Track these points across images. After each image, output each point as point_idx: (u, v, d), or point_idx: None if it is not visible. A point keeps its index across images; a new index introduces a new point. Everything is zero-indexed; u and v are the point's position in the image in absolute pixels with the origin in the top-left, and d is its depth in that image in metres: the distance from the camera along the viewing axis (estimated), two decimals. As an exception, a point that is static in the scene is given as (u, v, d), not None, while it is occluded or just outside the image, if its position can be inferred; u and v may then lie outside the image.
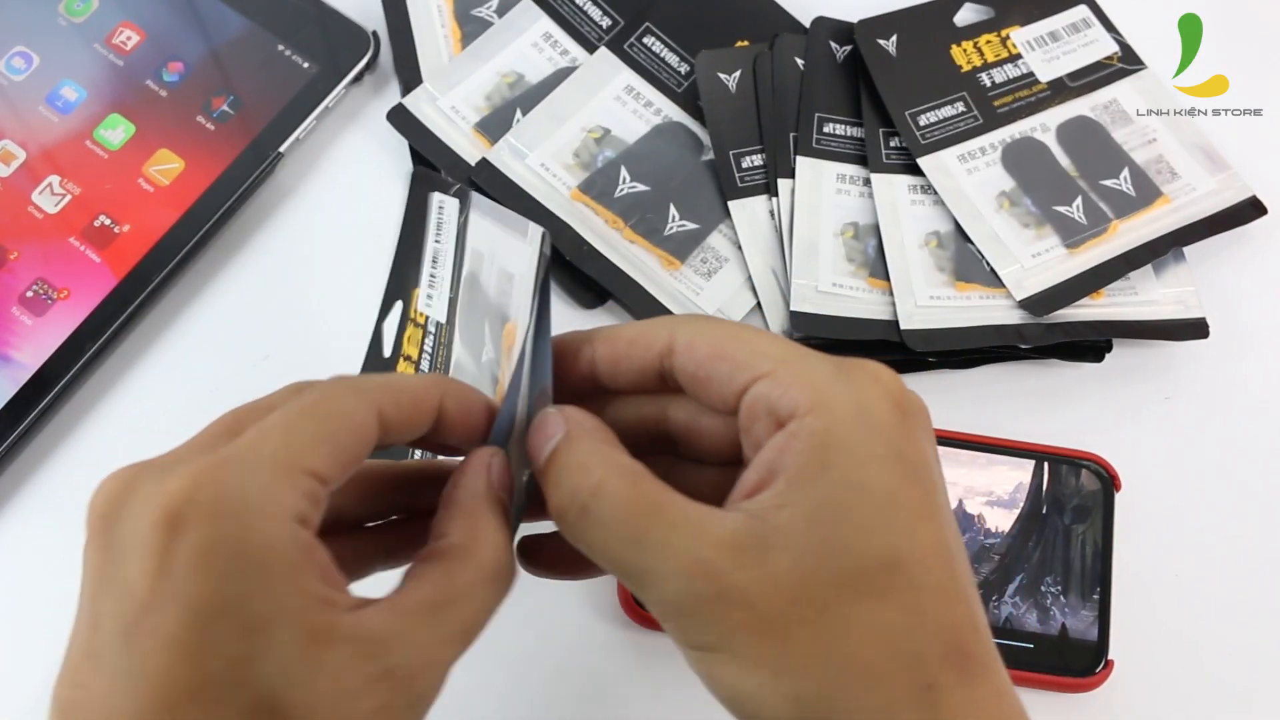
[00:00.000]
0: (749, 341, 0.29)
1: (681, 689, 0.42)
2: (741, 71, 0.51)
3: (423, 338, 0.34)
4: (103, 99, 0.49)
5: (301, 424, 0.26)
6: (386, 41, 0.52)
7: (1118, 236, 0.49)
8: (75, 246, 0.47)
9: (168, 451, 0.27)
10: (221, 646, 0.24)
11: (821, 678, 0.26)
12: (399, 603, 0.26)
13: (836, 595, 0.26)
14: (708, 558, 0.26)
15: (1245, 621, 0.44)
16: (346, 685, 0.25)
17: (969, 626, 0.27)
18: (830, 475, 0.26)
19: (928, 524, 0.27)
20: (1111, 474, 0.45)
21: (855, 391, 0.27)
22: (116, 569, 0.25)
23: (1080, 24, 0.53)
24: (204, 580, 0.24)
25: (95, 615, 0.25)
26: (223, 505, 0.24)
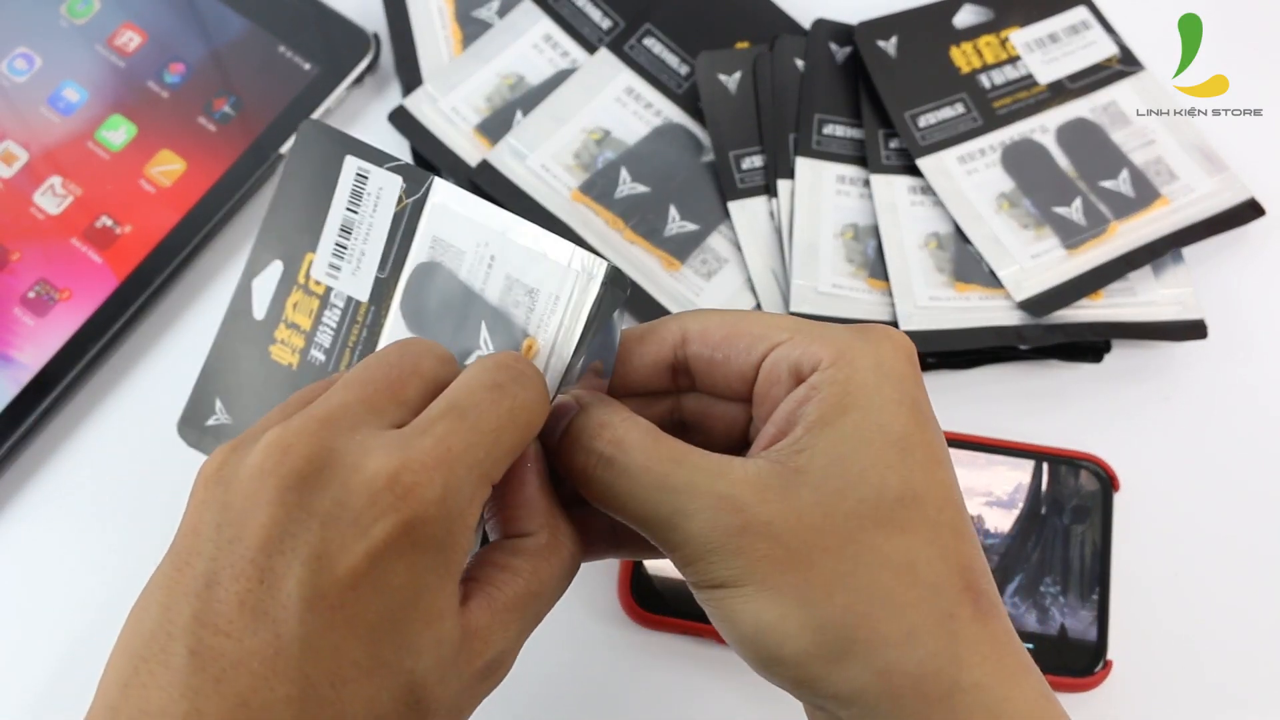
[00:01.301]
0: (761, 318, 0.30)
1: (682, 689, 0.43)
2: (741, 73, 0.51)
3: (319, 308, 0.33)
4: (104, 100, 0.49)
5: (507, 439, 0.27)
6: (387, 43, 0.52)
7: (1117, 238, 0.49)
8: (77, 247, 0.47)
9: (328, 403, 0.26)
10: (400, 634, 0.25)
11: (845, 605, 0.27)
12: (497, 598, 0.27)
13: (859, 526, 0.27)
14: (733, 493, 0.27)
15: (1244, 621, 0.44)
16: (465, 679, 0.26)
17: (980, 568, 0.28)
18: (850, 418, 0.28)
19: (940, 467, 0.28)
20: (1110, 474, 0.45)
21: (873, 346, 0.29)
22: (311, 534, 0.24)
23: (1079, 26, 0.53)
24: (408, 570, 0.25)
25: (265, 570, 0.24)
26: (447, 506, 0.25)
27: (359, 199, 0.32)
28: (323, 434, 0.25)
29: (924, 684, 0.27)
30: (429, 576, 0.25)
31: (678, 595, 0.43)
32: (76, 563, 0.44)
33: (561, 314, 0.30)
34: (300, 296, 0.33)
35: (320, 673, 0.24)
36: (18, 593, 0.44)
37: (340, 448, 0.25)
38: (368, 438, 0.25)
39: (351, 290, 0.32)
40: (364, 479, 0.24)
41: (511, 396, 0.27)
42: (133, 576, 0.26)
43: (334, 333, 0.32)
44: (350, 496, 0.24)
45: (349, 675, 0.24)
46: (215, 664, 0.23)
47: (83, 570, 0.44)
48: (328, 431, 0.25)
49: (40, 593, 0.44)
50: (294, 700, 0.23)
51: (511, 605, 0.27)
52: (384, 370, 0.27)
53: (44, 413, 0.45)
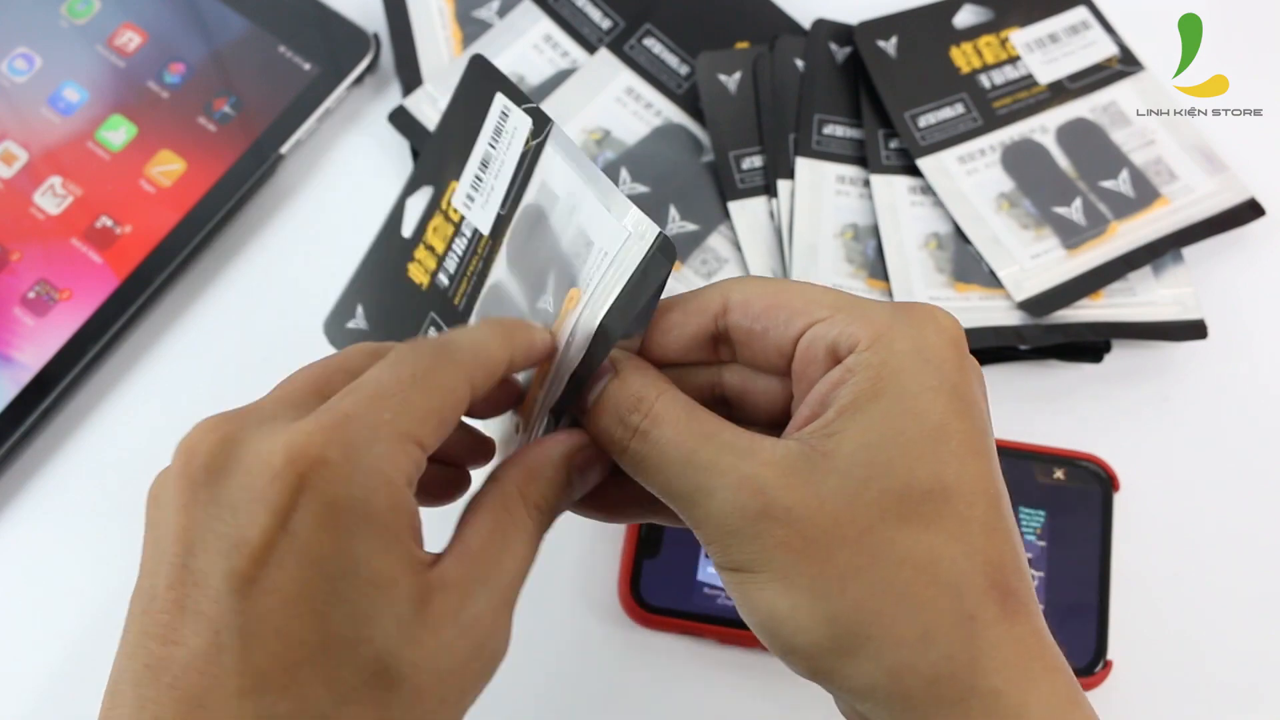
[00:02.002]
0: (804, 291, 0.29)
1: (682, 689, 0.43)
2: (741, 73, 0.51)
3: (453, 235, 0.34)
4: (104, 100, 0.49)
5: (414, 395, 0.26)
6: (387, 43, 0.52)
7: (1117, 238, 0.49)
8: (77, 247, 0.47)
9: (249, 405, 0.26)
10: (345, 605, 0.24)
11: (858, 600, 0.26)
12: (467, 550, 0.27)
13: (881, 518, 0.26)
14: (756, 474, 0.27)
15: (1245, 621, 0.44)
16: (442, 639, 0.25)
17: (1012, 565, 0.27)
18: (883, 404, 0.27)
19: (976, 459, 0.27)
20: (1110, 474, 0.45)
21: (914, 328, 0.28)
22: (222, 524, 0.24)
23: (1079, 26, 0.53)
24: (329, 539, 0.24)
25: (190, 571, 0.24)
26: (350, 467, 0.24)
27: (499, 135, 0.33)
28: (226, 429, 0.25)
29: (938, 686, 0.26)
30: (361, 540, 0.24)
31: (678, 595, 0.43)
32: (76, 563, 0.44)
33: (604, 270, 0.30)
34: (440, 221, 0.34)
35: (268, 660, 0.23)
36: (17, 593, 0.44)
37: (243, 438, 0.25)
38: (270, 426, 0.25)
39: (479, 222, 0.33)
40: (263, 458, 0.24)
41: (411, 365, 0.27)
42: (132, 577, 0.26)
43: (459, 260, 0.33)
44: (252, 478, 0.24)
45: (300, 657, 0.24)
46: (167, 672, 0.23)
47: (82, 571, 0.44)
48: (232, 426, 0.25)
49: (40, 593, 0.44)
50: (249, 691, 0.23)
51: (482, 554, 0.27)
52: (311, 370, 0.27)
53: (44, 413, 0.45)
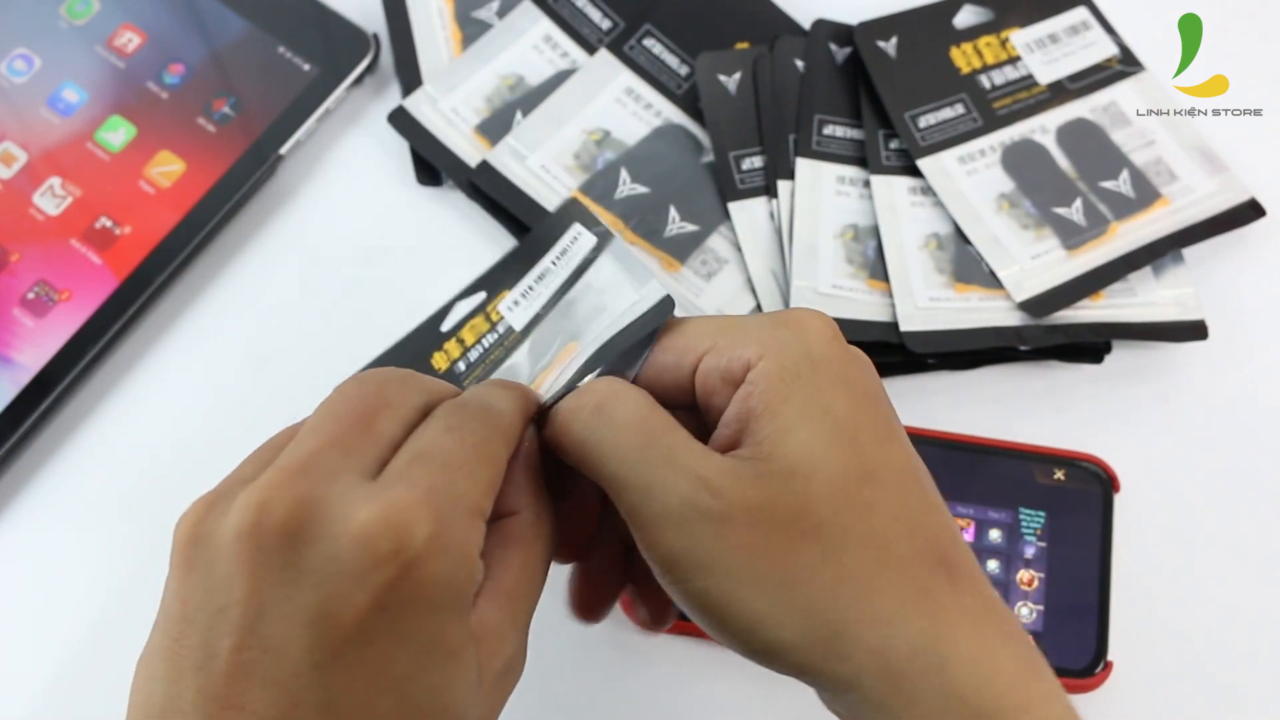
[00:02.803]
0: (685, 327, 0.30)
1: (682, 691, 0.43)
2: (741, 73, 0.51)
3: (486, 332, 0.36)
4: (104, 101, 0.49)
5: (479, 468, 0.26)
6: (387, 43, 0.52)
7: (1117, 238, 0.49)
8: (76, 248, 0.47)
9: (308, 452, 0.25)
10: (426, 678, 0.24)
11: (830, 588, 0.27)
12: (501, 590, 0.27)
13: (832, 509, 0.27)
14: (711, 478, 0.27)
15: (1245, 622, 0.44)
16: (488, 687, 0.26)
17: (950, 538, 0.28)
18: (794, 405, 0.28)
19: (891, 443, 0.28)
20: (1110, 475, 0.45)
21: (796, 333, 0.29)
22: (304, 593, 0.23)
23: (1080, 26, 0.53)
24: (418, 615, 0.24)
25: (261, 637, 0.23)
26: (443, 544, 0.24)
27: (563, 254, 0.35)
28: (300, 486, 0.24)
29: (917, 660, 0.27)
30: (443, 616, 0.25)
31: (678, 596, 0.43)
32: (76, 564, 0.44)
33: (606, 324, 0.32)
34: (480, 321, 0.36)
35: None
36: (17, 594, 0.44)
37: (321, 499, 0.24)
38: (348, 488, 0.25)
39: (515, 322, 0.35)
40: (352, 529, 0.24)
41: (471, 433, 0.27)
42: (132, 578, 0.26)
43: (483, 351, 0.35)
44: (341, 549, 0.24)
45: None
46: None
47: (82, 572, 0.44)
48: (306, 483, 0.24)
49: (40, 594, 0.44)
50: None
51: (514, 593, 0.27)
52: (349, 406, 0.27)
53: (43, 414, 0.45)
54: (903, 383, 0.48)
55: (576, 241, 0.35)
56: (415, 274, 0.49)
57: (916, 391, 0.48)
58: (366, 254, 0.49)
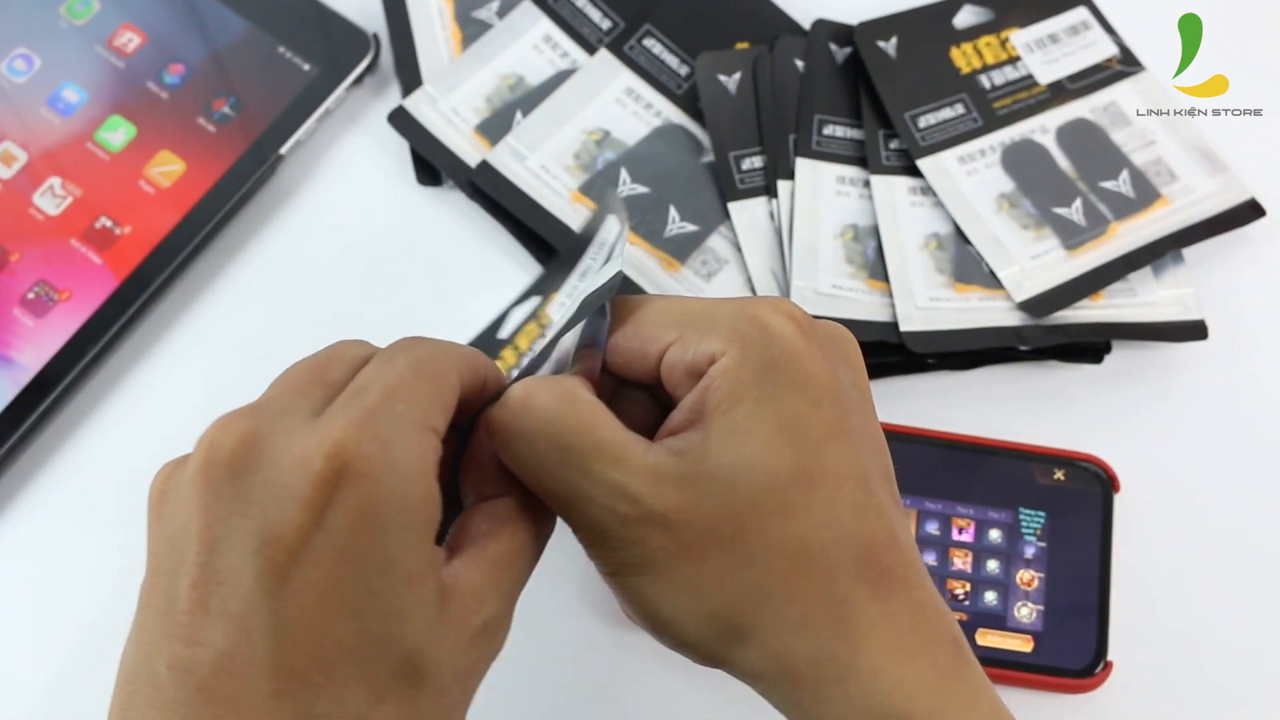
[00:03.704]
0: (649, 315, 0.30)
1: (682, 692, 0.43)
2: (741, 73, 0.51)
3: (537, 337, 0.36)
4: (104, 101, 0.49)
5: (421, 384, 0.27)
6: (387, 43, 0.52)
7: (1117, 238, 0.49)
8: (76, 248, 0.47)
9: (260, 400, 0.26)
10: (380, 602, 0.24)
11: (736, 595, 0.27)
12: (483, 557, 0.27)
13: (753, 516, 0.27)
14: (628, 484, 0.27)
15: (1245, 622, 0.44)
16: (460, 639, 0.26)
17: (885, 541, 0.28)
18: (743, 408, 0.28)
19: (838, 443, 0.28)
20: (1110, 475, 0.45)
21: (759, 328, 0.29)
22: (251, 521, 0.24)
23: (1079, 26, 0.53)
24: (367, 534, 0.24)
25: (215, 570, 0.23)
26: (386, 460, 0.24)
27: (600, 247, 0.35)
28: (248, 423, 0.25)
29: (820, 667, 0.27)
30: (395, 536, 0.24)
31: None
32: (76, 564, 0.44)
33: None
34: (532, 326, 0.36)
35: (304, 659, 0.23)
36: (18, 594, 0.44)
37: (266, 433, 0.25)
38: (294, 423, 0.25)
39: (558, 318, 0.35)
40: (294, 454, 0.24)
41: (403, 355, 0.27)
42: (132, 578, 0.26)
43: (534, 355, 0.35)
44: (283, 476, 0.24)
45: (336, 655, 0.23)
46: (194, 675, 0.23)
47: (82, 572, 0.44)
48: (253, 420, 0.25)
49: (40, 594, 0.44)
50: (284, 693, 0.23)
51: (498, 563, 0.27)
52: (306, 362, 0.28)
53: (43, 414, 0.45)
54: (903, 383, 0.48)
55: (608, 230, 0.35)
56: (415, 274, 0.49)
57: (917, 391, 0.48)
58: (366, 254, 0.49)
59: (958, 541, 0.44)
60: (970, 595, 0.43)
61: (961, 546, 0.44)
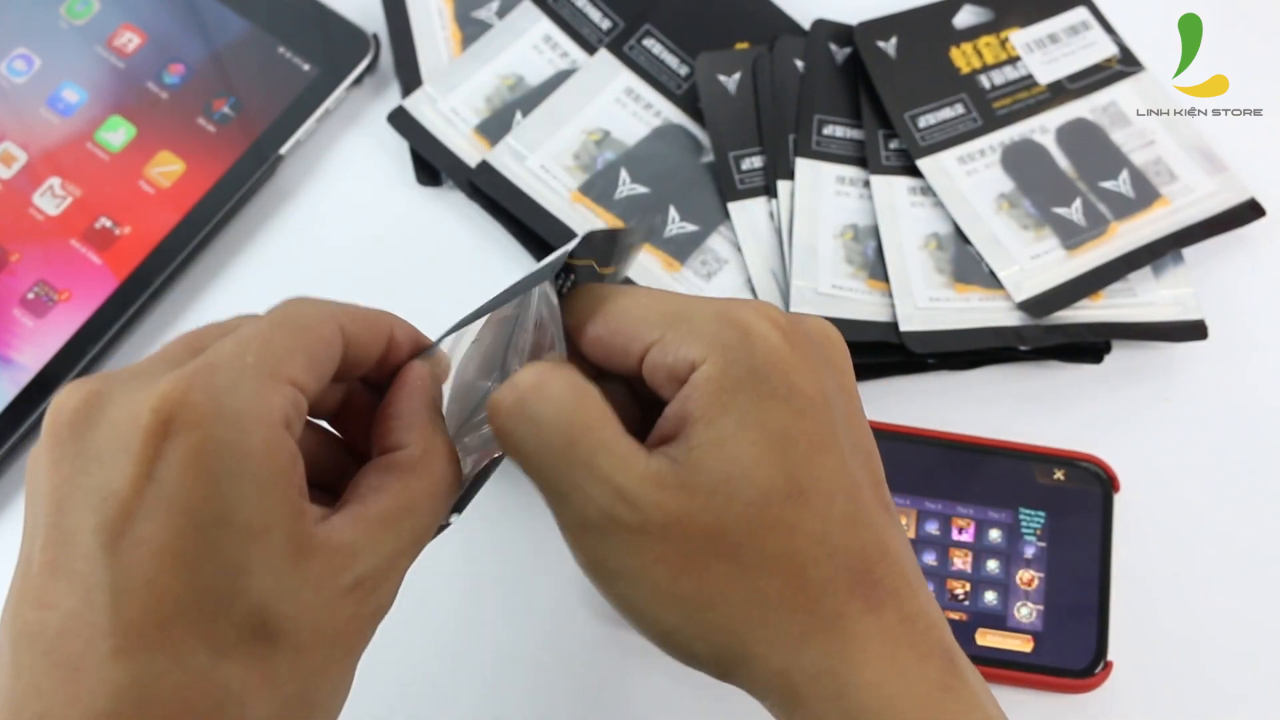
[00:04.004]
0: (631, 311, 0.29)
1: (681, 691, 0.43)
2: (741, 73, 0.51)
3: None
4: (104, 101, 0.49)
5: (277, 335, 0.26)
6: (387, 44, 0.52)
7: (1117, 238, 0.49)
8: (76, 248, 0.47)
9: (128, 366, 0.26)
10: (217, 555, 0.23)
11: (738, 610, 0.27)
12: (363, 513, 0.26)
13: (749, 530, 0.27)
14: (630, 487, 0.27)
15: (1245, 622, 0.44)
16: (324, 596, 0.25)
17: (876, 553, 0.28)
18: (731, 418, 0.27)
19: (825, 455, 0.28)
20: (1110, 475, 0.45)
21: (740, 334, 0.28)
22: (90, 478, 0.23)
23: (1079, 26, 0.53)
24: (198, 485, 0.23)
25: (61, 530, 0.23)
26: (217, 408, 0.24)
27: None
28: (93, 385, 0.25)
29: (820, 683, 0.27)
30: (232, 486, 0.24)
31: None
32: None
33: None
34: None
35: (141, 616, 0.23)
36: (17, 594, 0.44)
37: (109, 392, 0.24)
38: (140, 380, 0.24)
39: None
40: (128, 409, 0.24)
41: (273, 312, 0.27)
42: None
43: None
44: (118, 430, 0.23)
45: (173, 611, 0.23)
46: (42, 638, 0.23)
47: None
48: (99, 384, 0.25)
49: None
50: (122, 651, 0.22)
51: (380, 519, 0.26)
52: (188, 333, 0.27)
53: (43, 414, 0.45)
54: (903, 383, 0.48)
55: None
56: (415, 274, 0.49)
57: (917, 391, 0.48)
58: (366, 254, 0.49)
59: (958, 541, 0.44)
60: (970, 595, 0.43)
61: (961, 546, 0.44)
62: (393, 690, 0.42)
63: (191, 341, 0.27)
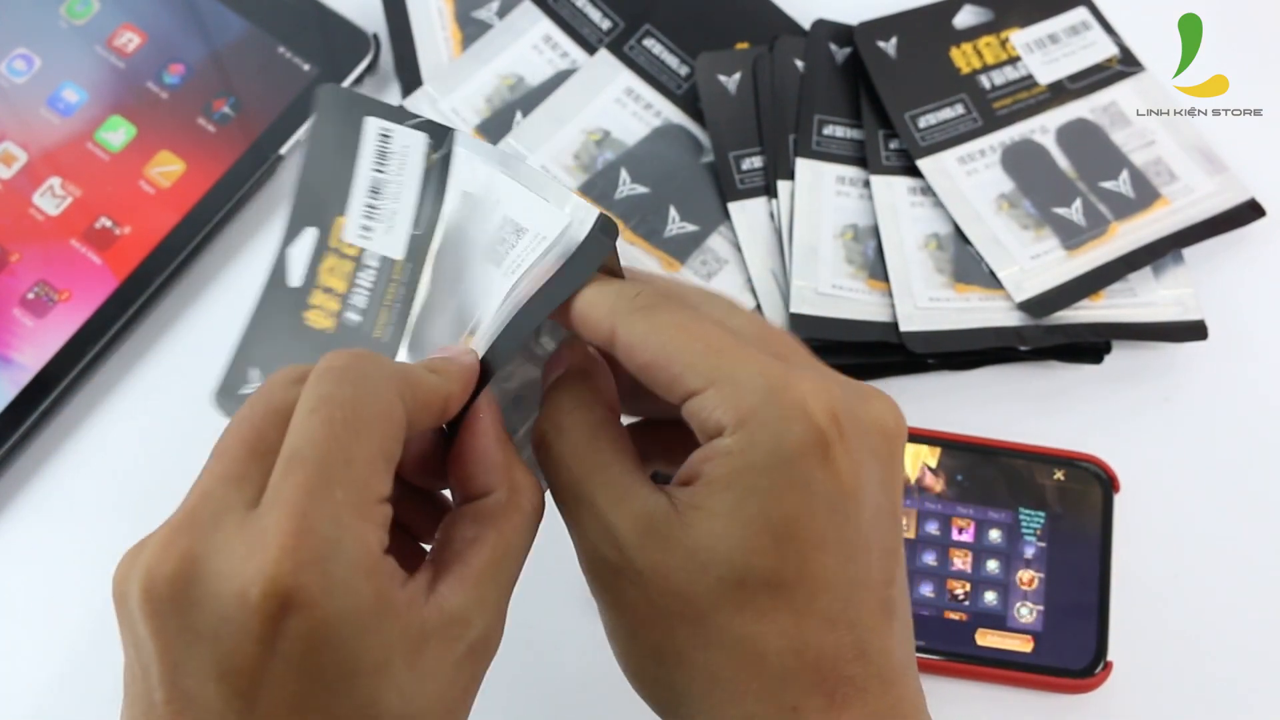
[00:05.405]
0: (682, 353, 0.28)
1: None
2: (741, 74, 0.51)
3: (354, 270, 0.33)
4: (104, 101, 0.49)
5: (355, 449, 0.25)
6: (387, 44, 0.52)
7: (1117, 238, 0.49)
8: (76, 248, 0.47)
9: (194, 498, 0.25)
10: (351, 698, 0.24)
11: (690, 677, 0.27)
12: (467, 573, 0.27)
13: (716, 605, 0.27)
14: (617, 528, 0.28)
15: (1244, 622, 0.44)
16: (444, 675, 0.26)
17: (849, 655, 0.27)
18: (733, 495, 0.27)
19: (823, 553, 0.27)
20: (1110, 475, 0.45)
21: (781, 414, 0.27)
22: (205, 651, 0.24)
23: (1079, 26, 0.53)
24: (322, 651, 0.24)
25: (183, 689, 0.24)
26: (328, 584, 0.24)
27: (385, 158, 0.32)
28: (182, 544, 0.24)
29: None
30: (352, 644, 0.24)
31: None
32: (77, 564, 0.44)
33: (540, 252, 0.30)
34: (334, 260, 0.33)
35: None
36: (18, 594, 0.44)
37: (201, 555, 0.24)
38: (227, 537, 0.24)
39: (385, 249, 0.33)
40: (234, 590, 0.24)
41: (338, 404, 0.25)
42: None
43: (369, 293, 0.33)
44: (225, 608, 0.24)
45: None
46: None
47: (82, 571, 0.44)
48: (186, 539, 0.24)
49: (40, 593, 0.44)
50: None
51: (484, 574, 0.27)
52: (240, 429, 0.26)
53: (43, 414, 0.45)
54: (903, 383, 0.48)
55: (391, 139, 0.32)
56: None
57: (917, 391, 0.48)
58: (366, 254, 0.49)
59: (958, 541, 0.44)
60: (970, 595, 0.43)
61: (961, 546, 0.44)
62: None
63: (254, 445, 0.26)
